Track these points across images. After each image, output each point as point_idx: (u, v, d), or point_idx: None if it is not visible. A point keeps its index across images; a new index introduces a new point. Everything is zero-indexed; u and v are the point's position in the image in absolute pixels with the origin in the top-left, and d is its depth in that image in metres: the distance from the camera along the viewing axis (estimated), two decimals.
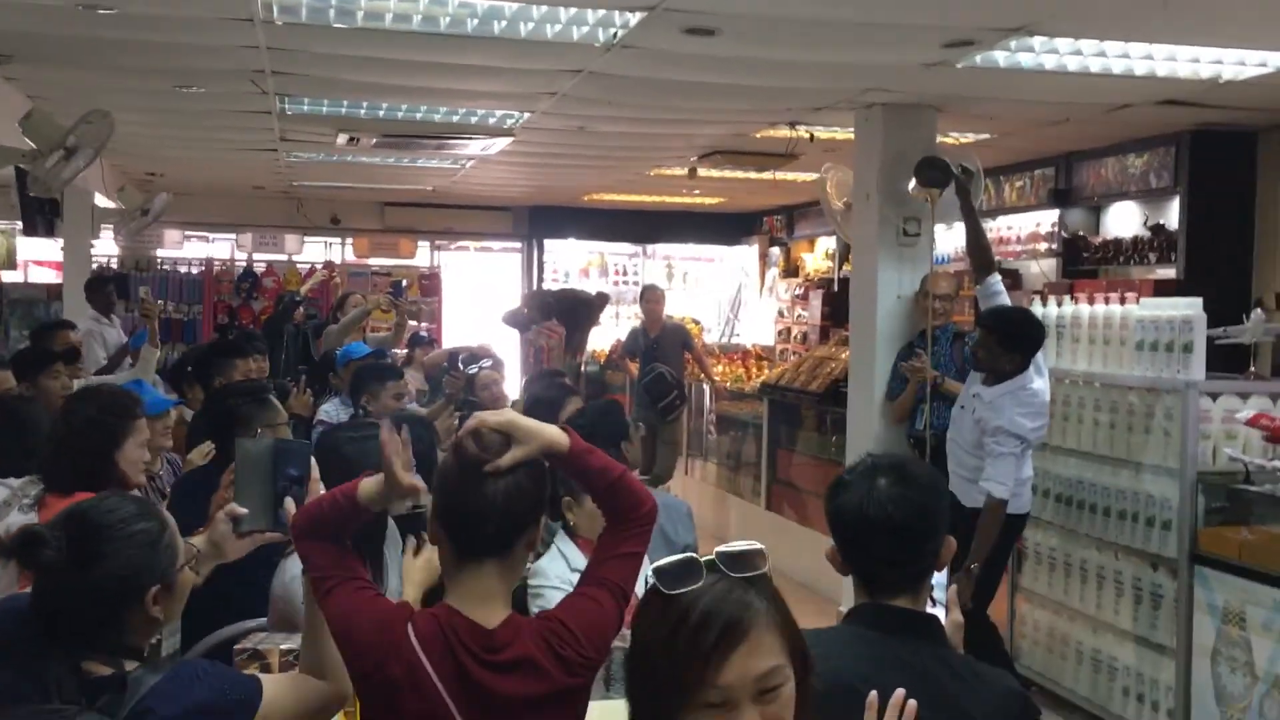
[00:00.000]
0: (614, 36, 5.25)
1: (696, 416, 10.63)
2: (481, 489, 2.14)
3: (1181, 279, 7.64)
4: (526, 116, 7.63)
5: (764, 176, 9.38)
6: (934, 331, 6.25)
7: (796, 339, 13.07)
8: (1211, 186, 7.71)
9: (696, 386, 10.48)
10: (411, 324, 11.18)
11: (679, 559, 1.57)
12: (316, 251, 14.74)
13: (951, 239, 9.46)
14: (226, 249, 14.61)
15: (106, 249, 13.56)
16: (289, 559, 2.98)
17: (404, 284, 13.00)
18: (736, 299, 15.52)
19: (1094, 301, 5.74)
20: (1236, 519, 4.92)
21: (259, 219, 14.28)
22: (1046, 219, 9.24)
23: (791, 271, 14.17)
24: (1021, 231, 9.57)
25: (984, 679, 2.18)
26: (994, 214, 9.48)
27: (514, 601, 3.41)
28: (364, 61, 6.04)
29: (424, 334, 10.69)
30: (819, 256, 13.81)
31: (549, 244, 15.35)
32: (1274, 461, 4.80)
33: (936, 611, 2.29)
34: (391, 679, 2.10)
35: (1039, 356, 5.24)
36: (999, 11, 4.77)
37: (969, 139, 7.93)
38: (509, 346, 10.16)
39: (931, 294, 6.29)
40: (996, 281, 5.69)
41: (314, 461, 2.67)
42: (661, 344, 9.88)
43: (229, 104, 7.39)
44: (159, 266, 14.02)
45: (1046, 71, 5.75)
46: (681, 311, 13.73)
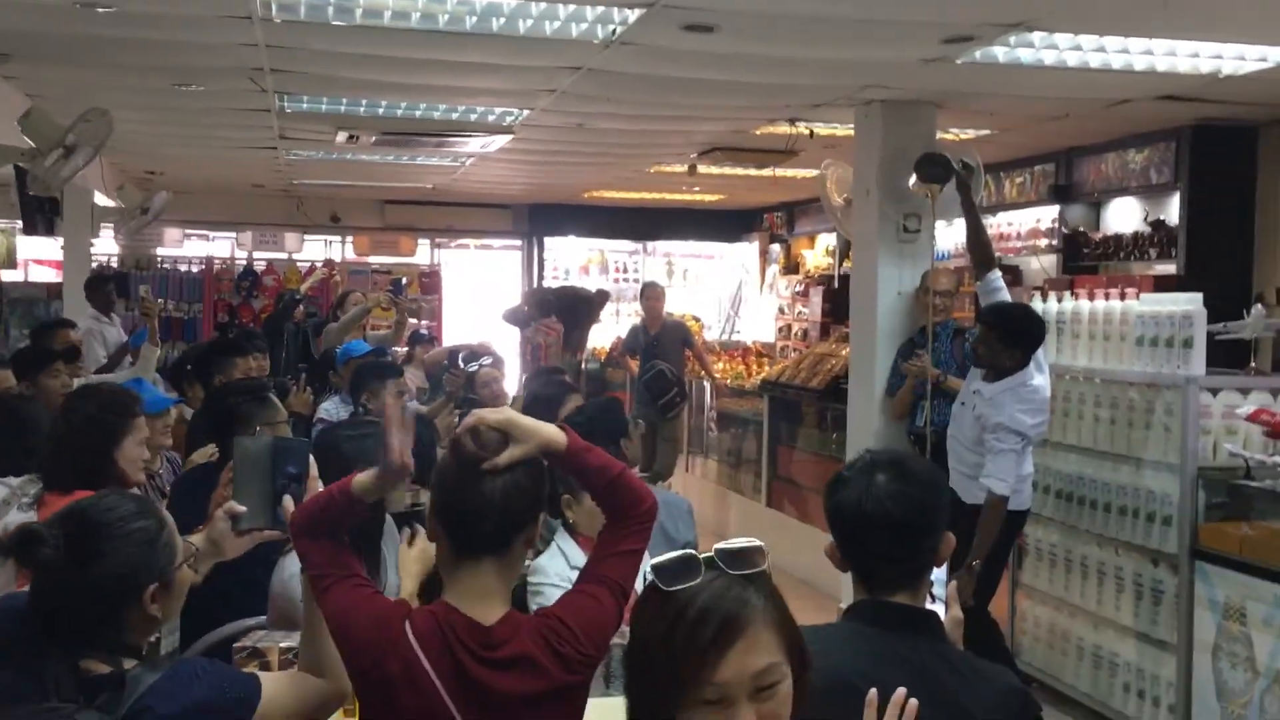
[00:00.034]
0: (613, 33, 5.25)
1: (697, 414, 10.63)
2: (479, 487, 2.14)
3: (1182, 274, 7.63)
4: (526, 114, 7.62)
5: (764, 173, 9.37)
6: (934, 328, 6.24)
7: (797, 336, 13.07)
8: (1212, 182, 7.70)
9: (697, 384, 10.48)
10: (412, 322, 11.17)
11: (677, 555, 1.57)
12: (316, 250, 14.74)
13: (952, 235, 9.45)
14: (226, 247, 14.63)
15: (107, 248, 13.57)
16: (288, 557, 2.98)
17: (404, 282, 12.99)
18: (737, 296, 15.51)
19: (1094, 297, 5.73)
20: (1237, 514, 4.92)
21: (259, 217, 14.28)
22: (1047, 215, 9.24)
23: (792, 268, 14.16)
24: (1022, 227, 9.56)
25: (983, 675, 2.17)
26: (994, 210, 9.47)
27: (514, 599, 3.44)
28: (363, 59, 6.03)
29: (424, 332, 10.69)
30: (819, 253, 13.80)
31: (549, 241, 15.34)
32: (1274, 457, 4.79)
33: (936, 608, 2.29)
34: (389, 676, 2.10)
35: (1039, 353, 5.23)
36: (998, 7, 4.76)
37: (969, 135, 7.92)
38: (509, 344, 10.16)
39: (932, 290, 6.29)
40: (997, 278, 5.68)
41: (312, 460, 2.66)
42: (662, 341, 9.87)
43: (228, 102, 7.38)
44: (159, 265, 14.03)
45: (1046, 67, 5.74)
46: (682, 309, 13.74)
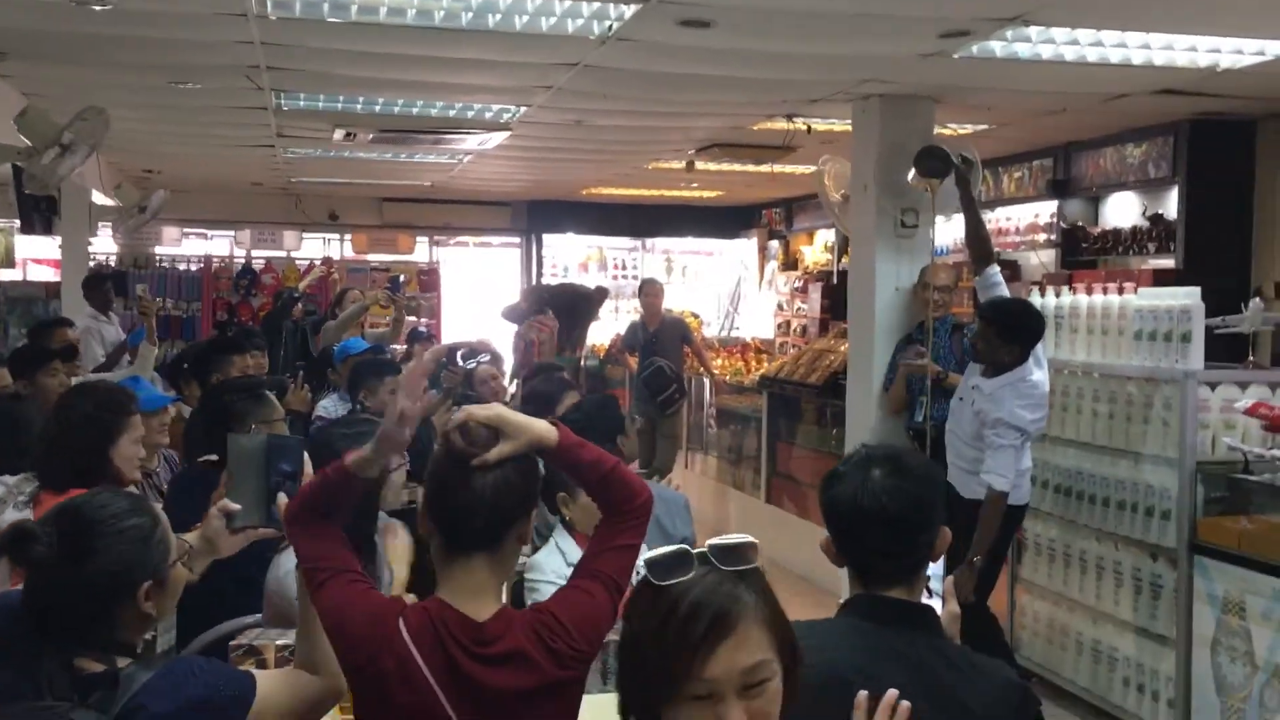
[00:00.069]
0: (609, 29, 5.24)
1: (696, 410, 10.62)
2: (469, 483, 2.13)
3: (1180, 269, 7.62)
4: (523, 110, 7.61)
5: (762, 169, 9.37)
6: (933, 323, 6.24)
7: (796, 332, 13.06)
8: (1210, 176, 7.69)
9: (696, 380, 10.48)
10: (410, 320, 11.18)
11: (670, 550, 1.56)
12: (315, 248, 14.73)
13: (950, 230, 9.44)
14: (225, 246, 14.62)
15: (105, 246, 13.58)
16: (283, 554, 2.98)
17: (401, 279, 12.99)
18: (736, 292, 15.51)
19: (1092, 292, 5.72)
20: (1236, 509, 4.92)
21: (257, 215, 14.28)
22: (1045, 210, 9.23)
23: (791, 264, 14.15)
24: (1020, 222, 9.55)
25: (981, 670, 2.16)
26: (992, 205, 9.46)
27: (514, 596, 3.43)
28: (359, 56, 6.02)
29: (423, 330, 10.69)
30: (818, 249, 13.79)
31: (548, 239, 15.33)
32: (1273, 451, 4.79)
33: (933, 603, 2.28)
34: (383, 672, 2.10)
35: (1038, 348, 5.22)
36: (995, 1, 4.76)
37: (967, 130, 7.91)
38: (509, 342, 10.15)
39: (931, 285, 6.28)
40: (995, 273, 5.68)
41: (307, 458, 2.66)
42: (660, 338, 9.87)
43: (225, 100, 7.37)
44: (158, 264, 14.02)
45: (1043, 61, 5.73)
46: (681, 305, 13.74)
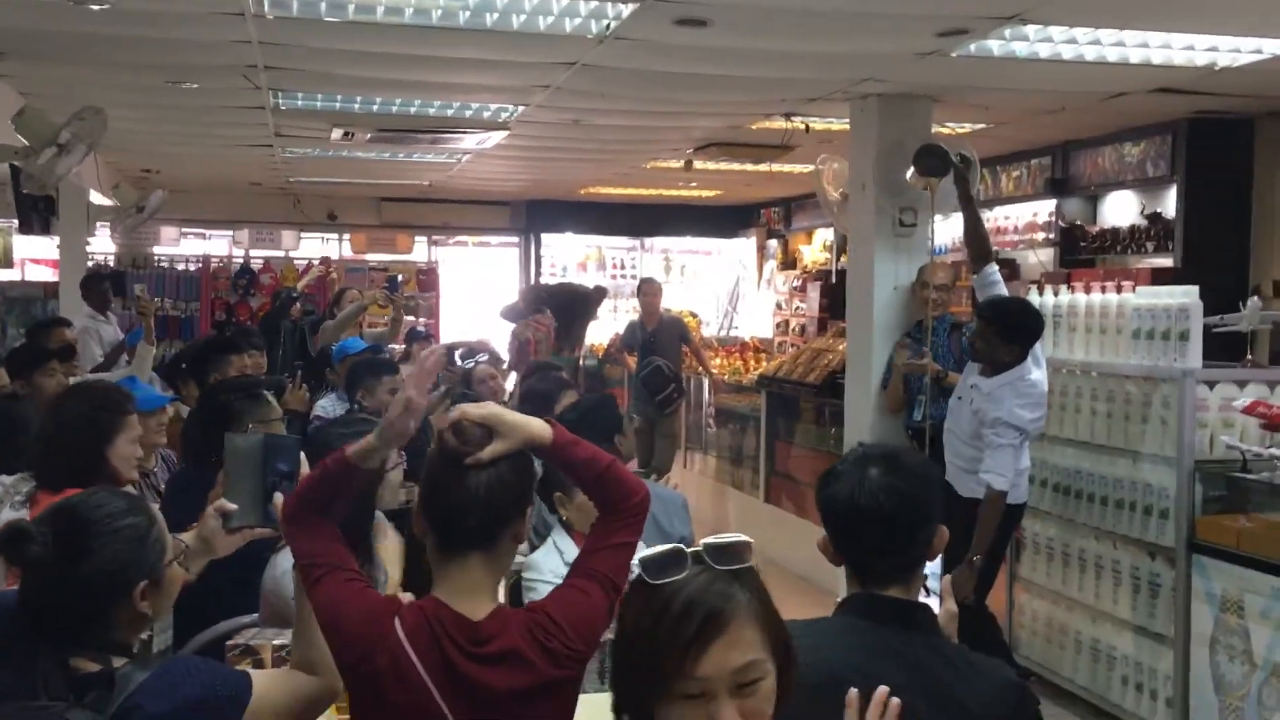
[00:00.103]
0: (606, 28, 5.24)
1: (695, 410, 10.62)
2: (463, 482, 2.13)
3: (1179, 267, 7.62)
4: (521, 110, 7.61)
5: (760, 168, 9.37)
6: (931, 322, 6.23)
7: (795, 331, 13.06)
8: (1208, 174, 7.69)
9: (695, 380, 10.47)
10: (409, 319, 11.17)
11: (664, 549, 1.56)
12: (313, 247, 14.73)
13: (949, 229, 9.45)
14: (223, 245, 14.63)
15: (103, 246, 13.57)
16: (280, 554, 2.98)
17: (400, 279, 12.98)
18: (734, 292, 15.51)
19: (1091, 291, 5.72)
20: (1234, 507, 4.91)
21: (256, 215, 14.27)
22: (1044, 208, 9.23)
23: (789, 264, 14.15)
24: (1019, 221, 9.56)
25: (979, 669, 2.16)
26: (991, 204, 9.46)
27: (511, 595, 3.43)
28: (357, 55, 6.02)
29: (421, 329, 10.69)
30: (817, 248, 13.79)
31: (546, 238, 15.34)
32: (1271, 449, 4.79)
33: (931, 601, 2.28)
34: (378, 671, 2.09)
35: (1037, 347, 5.22)
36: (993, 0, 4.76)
37: (965, 129, 7.91)
38: (506, 341, 10.14)
39: (929, 284, 6.28)
40: (994, 271, 5.67)
41: (304, 457, 2.65)
42: (659, 337, 9.86)
43: (223, 99, 7.37)
44: (156, 263, 14.01)
45: (1041, 60, 5.73)
46: (679, 305, 13.74)
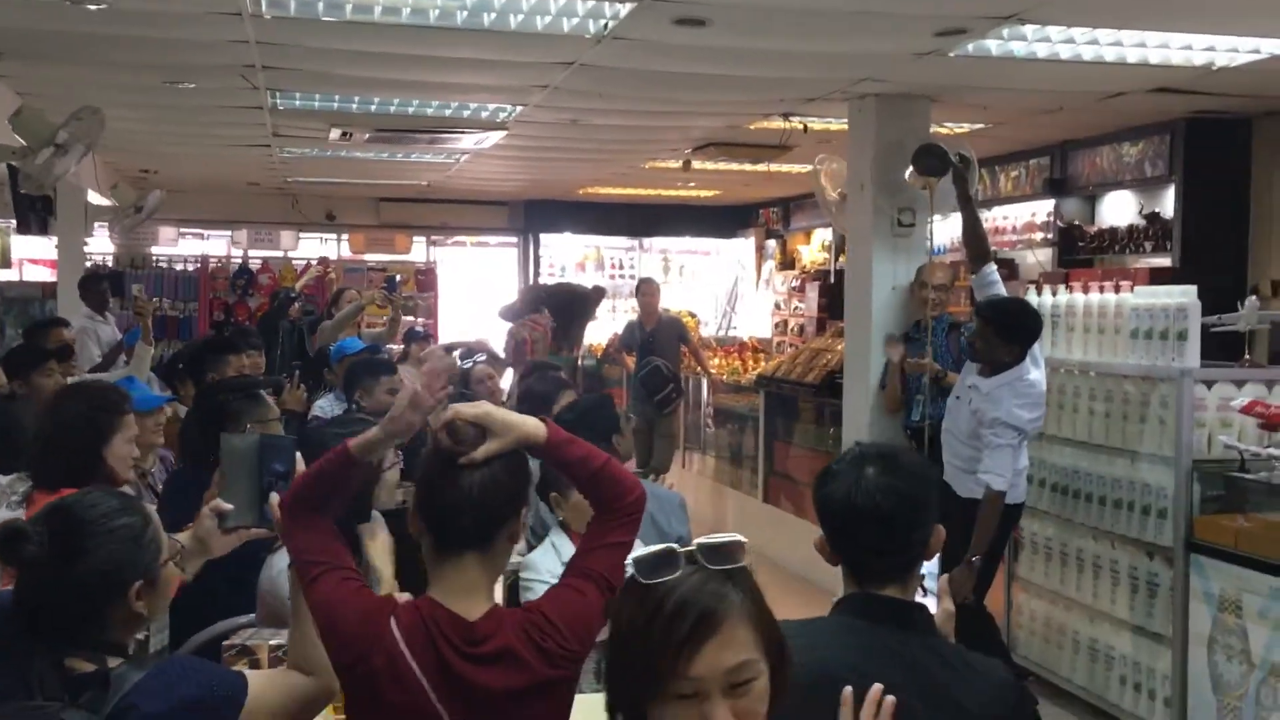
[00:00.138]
0: (604, 28, 5.24)
1: (694, 410, 10.61)
2: (456, 482, 2.12)
3: (1177, 267, 7.62)
4: (519, 110, 7.61)
5: (759, 168, 9.36)
6: (929, 322, 6.23)
7: (793, 331, 13.06)
8: (1206, 174, 7.70)
9: (693, 380, 10.47)
10: (407, 320, 11.16)
11: (657, 549, 1.56)
12: (312, 247, 14.72)
13: (947, 229, 9.45)
14: (222, 246, 14.63)
15: (102, 246, 13.56)
16: (276, 554, 2.97)
17: (397, 279, 12.99)
18: (733, 292, 15.51)
19: (1089, 290, 5.71)
20: (1232, 507, 4.91)
21: (254, 215, 14.27)
22: (1042, 208, 9.24)
23: (788, 264, 14.15)
24: (1017, 221, 9.56)
25: (976, 669, 2.16)
26: (989, 204, 9.47)
27: (508, 595, 3.42)
28: (354, 55, 6.02)
29: (420, 329, 10.68)
30: (815, 248, 13.79)
31: (545, 238, 15.34)
32: (1269, 449, 4.78)
33: (928, 601, 2.28)
34: (374, 671, 2.09)
35: (1035, 347, 5.22)
36: None
37: (963, 129, 7.91)
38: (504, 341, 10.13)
39: (928, 284, 6.28)
40: (992, 271, 5.67)
41: (300, 457, 2.65)
42: (657, 337, 9.85)
43: (221, 99, 7.37)
44: (154, 264, 14.00)
45: (1039, 60, 5.73)
46: (678, 305, 13.72)
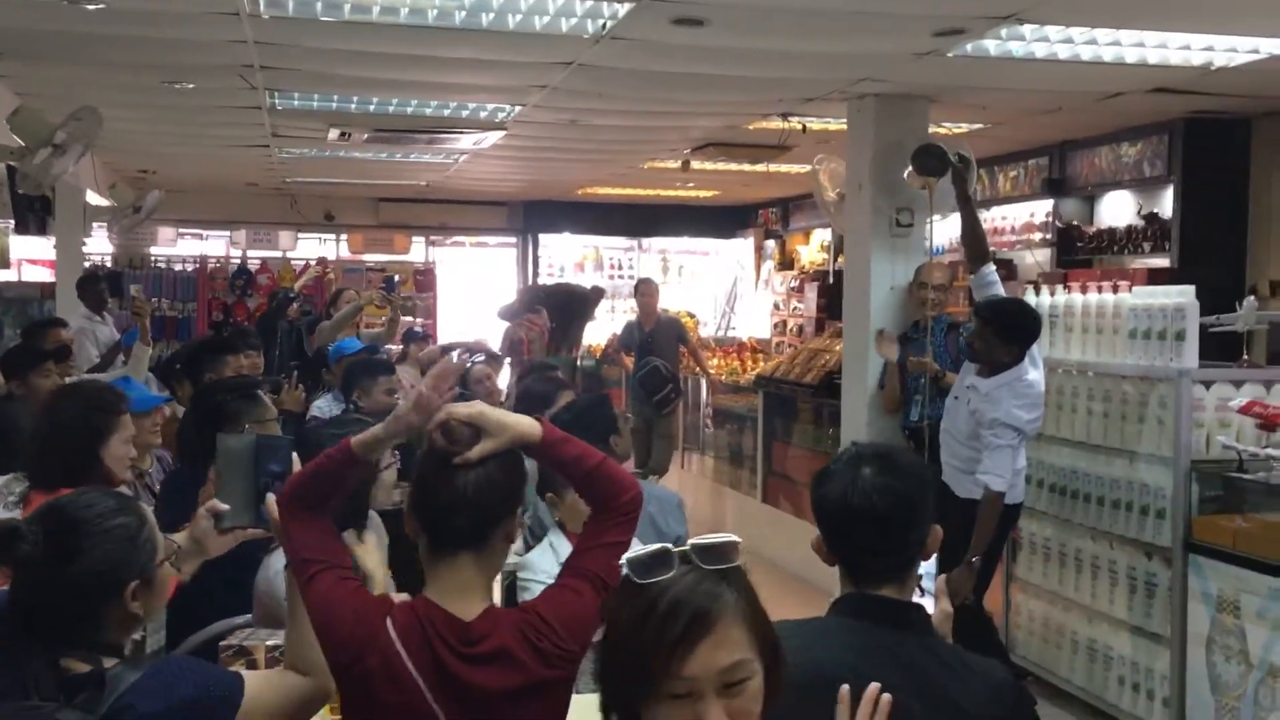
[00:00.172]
0: (603, 28, 5.24)
1: (692, 410, 10.61)
2: (452, 482, 2.12)
3: (1175, 267, 7.63)
4: (518, 110, 7.60)
5: (757, 169, 9.36)
6: (928, 322, 6.22)
7: (792, 331, 13.06)
8: (1205, 175, 7.70)
9: (692, 380, 10.47)
10: (406, 320, 11.16)
11: (651, 549, 1.56)
12: (311, 248, 14.72)
13: (946, 229, 9.44)
14: (220, 246, 14.62)
15: (100, 246, 13.56)
16: (273, 555, 2.97)
17: (396, 279, 12.99)
18: (732, 292, 15.50)
19: (1087, 291, 5.71)
20: (1230, 507, 4.91)
21: (253, 216, 14.27)
22: (1040, 209, 9.23)
23: (787, 264, 14.15)
24: (1016, 221, 9.56)
25: (974, 669, 2.15)
26: (988, 204, 9.46)
27: (506, 595, 3.42)
28: (353, 55, 6.02)
29: (418, 330, 10.67)
30: (814, 249, 13.79)
31: (544, 238, 15.34)
32: (1267, 449, 4.78)
33: (925, 602, 2.27)
34: (369, 671, 2.09)
35: (1034, 348, 5.22)
36: None
37: (962, 129, 7.91)
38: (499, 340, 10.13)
39: (927, 284, 6.27)
40: (991, 272, 5.67)
41: (296, 457, 2.64)
42: (656, 337, 9.85)
43: (219, 99, 7.36)
44: (153, 264, 14.00)
45: (1037, 60, 5.73)
46: (677, 305, 13.72)
